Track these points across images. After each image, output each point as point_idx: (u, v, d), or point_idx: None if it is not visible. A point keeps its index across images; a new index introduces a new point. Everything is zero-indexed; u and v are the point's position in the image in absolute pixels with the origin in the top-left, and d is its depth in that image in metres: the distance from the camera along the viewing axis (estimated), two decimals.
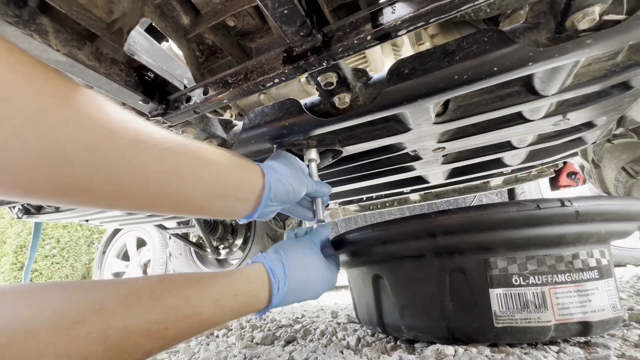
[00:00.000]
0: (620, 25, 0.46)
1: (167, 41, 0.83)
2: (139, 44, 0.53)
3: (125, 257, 3.54)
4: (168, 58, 0.58)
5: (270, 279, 0.49)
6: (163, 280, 0.41)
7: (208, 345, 0.84)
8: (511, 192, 2.38)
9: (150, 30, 0.63)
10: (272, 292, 0.49)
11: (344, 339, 0.74)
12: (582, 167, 1.56)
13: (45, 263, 5.89)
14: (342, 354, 0.63)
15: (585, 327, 0.53)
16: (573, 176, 2.45)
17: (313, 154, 0.72)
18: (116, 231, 3.48)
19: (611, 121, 0.88)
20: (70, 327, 0.31)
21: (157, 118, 0.60)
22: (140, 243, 3.46)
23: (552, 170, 1.41)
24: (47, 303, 0.32)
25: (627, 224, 0.57)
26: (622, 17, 0.46)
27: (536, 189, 2.35)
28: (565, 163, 2.10)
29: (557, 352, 0.52)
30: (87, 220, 1.49)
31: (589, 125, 0.85)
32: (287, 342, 0.81)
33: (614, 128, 0.98)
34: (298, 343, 0.78)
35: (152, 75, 0.59)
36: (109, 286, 0.37)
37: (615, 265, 1.85)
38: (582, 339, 0.58)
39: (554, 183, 2.48)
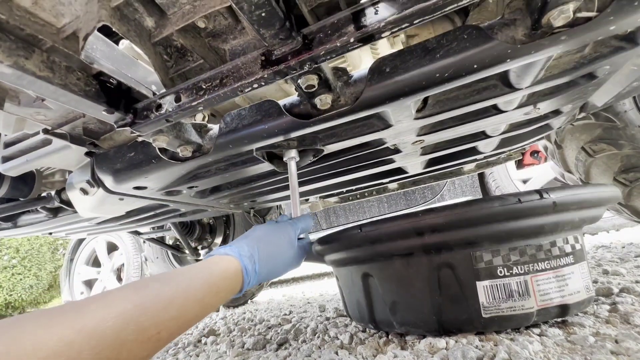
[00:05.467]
0: (591, 22, 0.48)
1: (126, 39, 0.76)
2: (98, 50, 0.47)
3: (96, 263, 3.36)
4: (131, 63, 0.53)
5: (243, 275, 0.56)
6: (144, 288, 0.41)
7: (198, 356, 0.82)
8: (481, 174, 2.49)
9: (103, 29, 0.57)
10: (243, 284, 0.56)
11: (337, 338, 0.75)
12: (545, 148, 1.66)
13: (5, 275, 5.47)
14: (338, 355, 0.63)
15: (563, 310, 0.57)
16: (536, 155, 2.61)
17: (292, 152, 0.71)
18: None
19: (575, 108, 0.92)
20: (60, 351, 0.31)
21: (125, 128, 0.56)
22: (112, 247, 3.29)
23: (519, 153, 1.48)
24: (27, 332, 0.31)
25: (598, 209, 0.61)
26: (593, 14, 0.47)
27: (503, 169, 2.48)
28: None
29: (540, 335, 0.56)
30: (50, 233, 1.38)
31: (556, 112, 0.89)
32: (280, 345, 0.80)
33: (577, 114, 1.04)
34: (291, 345, 0.78)
35: (114, 82, 0.54)
36: (91, 303, 0.37)
37: None
38: (560, 319, 0.62)
39: (519, 162, 2.62)
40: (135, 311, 0.38)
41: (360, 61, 0.79)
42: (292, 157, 0.72)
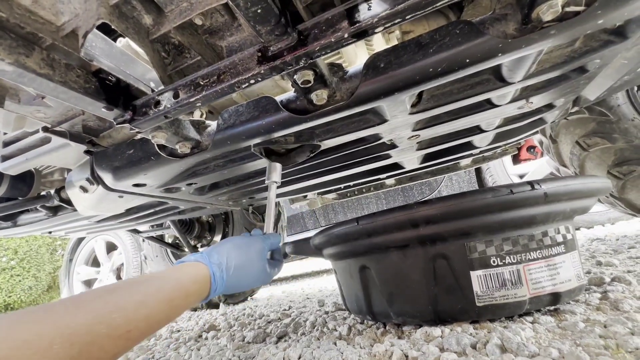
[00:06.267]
0: (580, 16, 0.49)
1: (124, 37, 0.77)
2: (97, 47, 0.48)
3: (96, 263, 3.36)
4: (130, 60, 0.54)
5: (211, 282, 0.59)
6: (117, 289, 0.44)
7: (199, 350, 0.83)
8: (478, 169, 2.50)
9: (102, 27, 0.58)
10: (210, 291, 0.59)
11: (335, 330, 0.76)
12: (541, 143, 1.67)
13: (4, 277, 5.46)
14: (336, 345, 0.64)
15: (555, 298, 0.58)
16: (532, 150, 2.63)
17: (274, 176, 0.76)
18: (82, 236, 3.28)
19: (568, 102, 0.94)
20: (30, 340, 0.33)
21: (124, 125, 0.56)
22: (111, 247, 3.29)
23: (515, 148, 1.50)
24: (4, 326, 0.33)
25: (588, 200, 0.62)
26: (581, 9, 0.48)
27: (500, 164, 2.49)
28: None
29: (532, 323, 0.57)
30: (50, 232, 1.38)
31: (549, 106, 0.91)
32: (279, 338, 0.81)
33: (570, 107, 1.05)
34: (290, 338, 0.79)
35: (113, 80, 0.55)
36: (65, 301, 0.39)
37: None
38: (552, 307, 0.63)
39: (516, 157, 2.64)
40: (107, 309, 0.40)
41: (355, 57, 0.80)
42: (273, 181, 0.76)
